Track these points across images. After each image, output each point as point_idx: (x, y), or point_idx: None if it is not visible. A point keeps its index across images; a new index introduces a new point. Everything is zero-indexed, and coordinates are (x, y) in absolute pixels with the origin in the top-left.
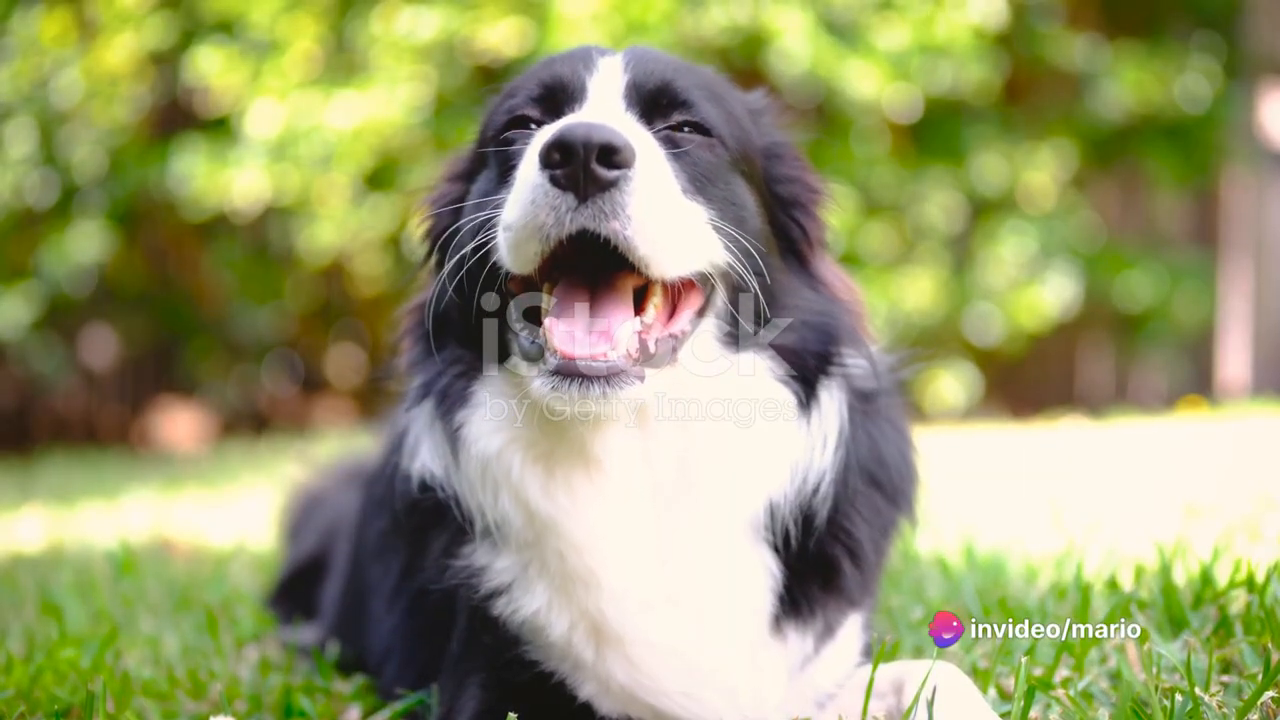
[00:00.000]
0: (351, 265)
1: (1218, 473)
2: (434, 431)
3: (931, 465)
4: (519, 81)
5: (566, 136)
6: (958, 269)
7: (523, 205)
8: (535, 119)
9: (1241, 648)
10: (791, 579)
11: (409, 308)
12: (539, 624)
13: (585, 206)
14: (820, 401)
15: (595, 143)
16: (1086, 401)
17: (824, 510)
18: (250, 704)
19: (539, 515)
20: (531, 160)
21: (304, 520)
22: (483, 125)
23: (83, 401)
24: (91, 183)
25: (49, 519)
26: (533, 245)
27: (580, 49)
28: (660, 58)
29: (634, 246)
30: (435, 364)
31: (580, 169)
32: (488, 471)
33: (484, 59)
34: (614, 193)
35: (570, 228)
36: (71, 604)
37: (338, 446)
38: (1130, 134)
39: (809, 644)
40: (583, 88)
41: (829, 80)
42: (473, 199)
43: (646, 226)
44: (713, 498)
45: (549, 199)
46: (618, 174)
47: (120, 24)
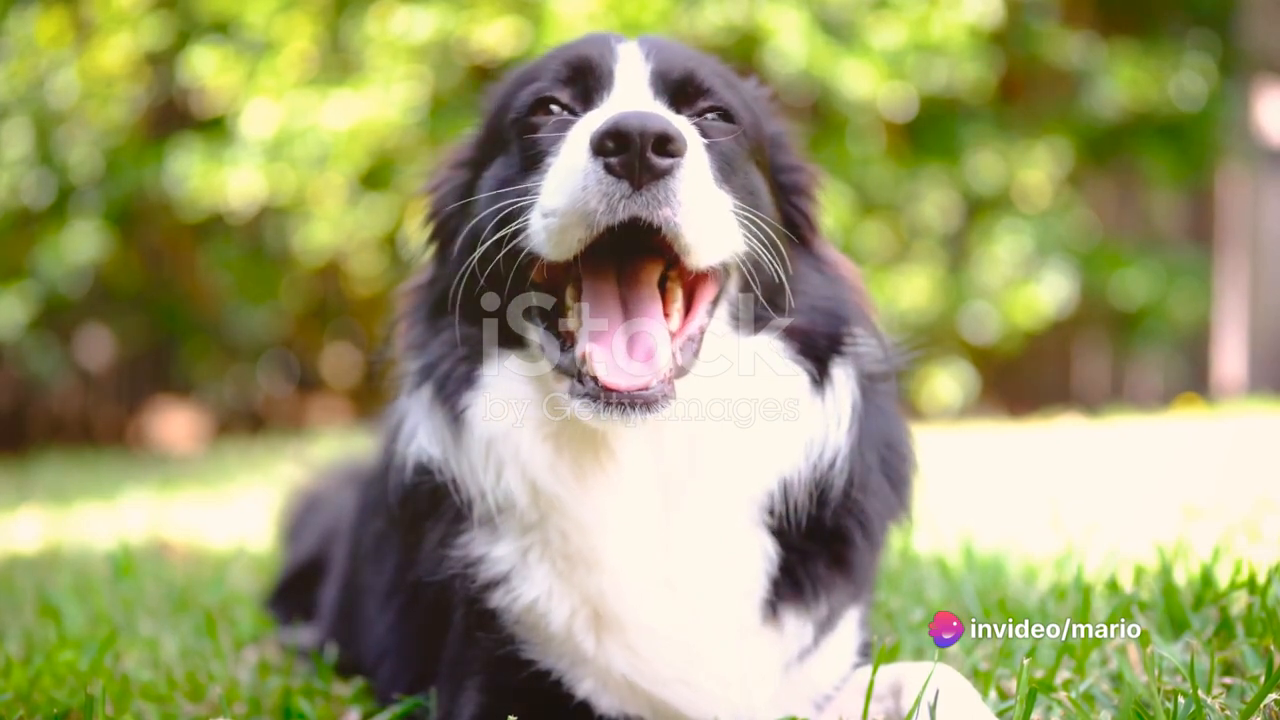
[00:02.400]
0: (347, 265)
1: (1215, 472)
2: (434, 414)
3: (929, 463)
4: (537, 65)
5: (623, 124)
6: (953, 268)
7: (571, 191)
8: (563, 103)
9: (1243, 649)
10: (796, 560)
11: (406, 289)
12: (538, 613)
13: (639, 194)
14: (834, 379)
15: (651, 131)
16: (1082, 400)
17: (840, 482)
18: (249, 707)
19: (545, 493)
20: (580, 146)
21: (302, 522)
22: (494, 110)
23: (79, 402)
24: (87, 183)
25: (46, 520)
26: (578, 232)
27: (597, 35)
28: (676, 46)
29: (681, 234)
30: (437, 346)
31: (636, 157)
32: (492, 450)
33: (480, 59)
34: (667, 180)
35: (622, 215)
36: (70, 606)
37: (334, 446)
38: (1126, 132)
39: (809, 633)
40: (610, 73)
41: (824, 79)
42: (488, 185)
43: (693, 214)
44: (723, 477)
45: (601, 186)
46: (671, 162)
47: (116, 24)
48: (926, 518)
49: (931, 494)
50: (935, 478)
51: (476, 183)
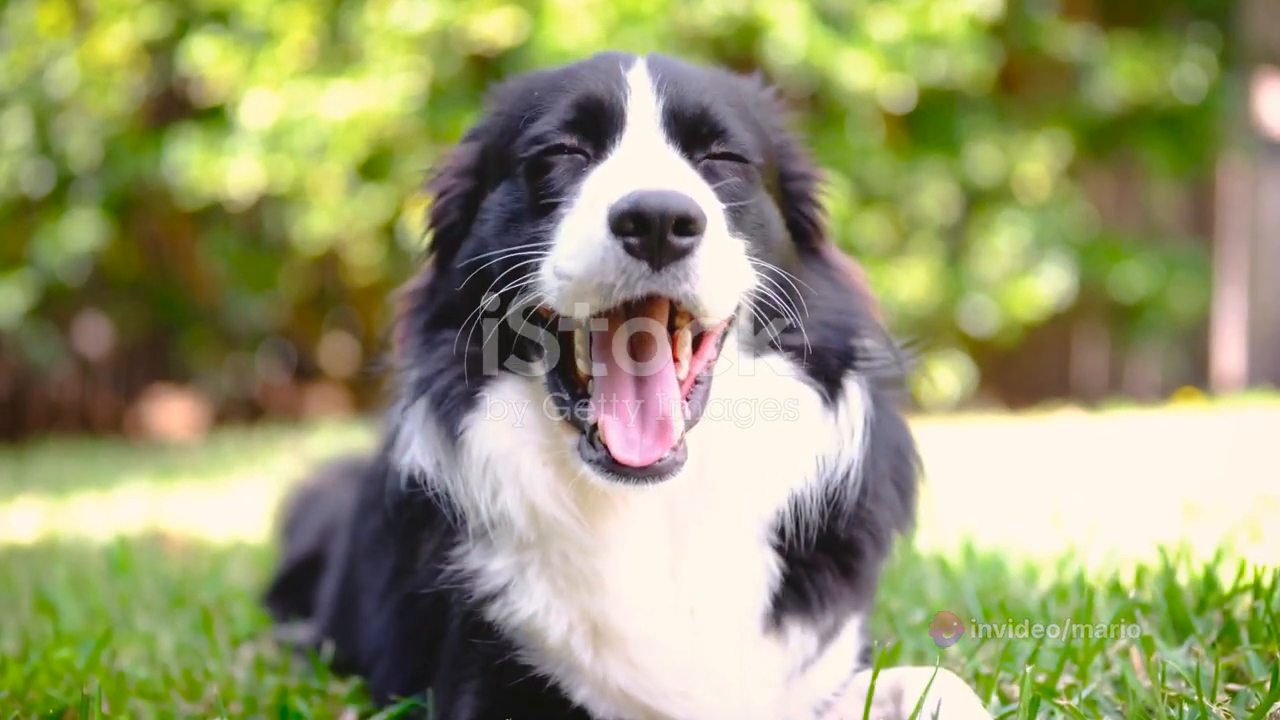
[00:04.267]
0: (345, 255)
1: (1216, 468)
2: (428, 429)
3: (930, 459)
4: (543, 96)
5: (643, 209)
6: (952, 259)
7: (588, 263)
8: (572, 147)
9: (1248, 655)
10: (803, 573)
11: (403, 293)
12: (536, 627)
13: (658, 274)
14: (846, 392)
15: (672, 214)
16: (1081, 393)
17: (853, 494)
18: (246, 706)
19: (544, 515)
20: (597, 217)
21: (301, 517)
22: (500, 130)
23: (77, 390)
24: (86, 172)
25: (43, 510)
26: (593, 299)
27: (603, 59)
28: (688, 74)
29: (699, 304)
30: (434, 361)
31: (656, 240)
32: (490, 471)
33: (478, 49)
34: (686, 259)
35: (639, 291)
36: (66, 601)
37: (332, 437)
38: (1126, 124)
39: (812, 644)
40: (621, 113)
41: (823, 70)
42: (495, 213)
43: (711, 285)
44: (729, 497)
45: (620, 264)
46: (690, 241)
47: (116, 13)
48: (927, 516)
49: (933, 490)
50: (934, 473)
51: (481, 200)
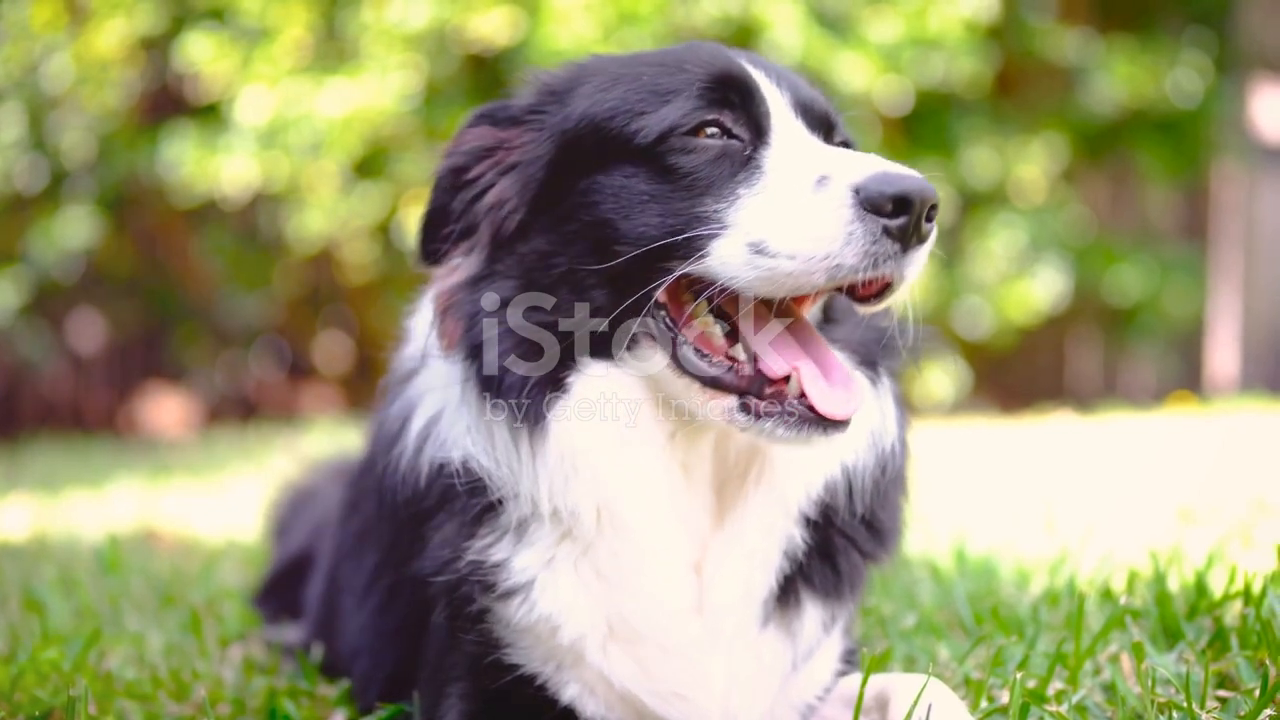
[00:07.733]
0: (340, 253)
1: (1209, 472)
2: (481, 412)
3: (922, 460)
4: (661, 73)
5: (908, 192)
6: (947, 262)
7: (825, 243)
8: (725, 127)
9: (1238, 662)
10: (837, 543)
11: (444, 289)
12: (552, 625)
13: (903, 256)
14: (883, 377)
15: (929, 199)
16: (1075, 396)
17: (892, 474)
18: (234, 707)
19: (611, 512)
20: (836, 200)
21: (292, 517)
22: (602, 113)
23: (70, 387)
24: (81, 168)
25: (35, 507)
26: (815, 279)
27: (698, 47)
28: (780, 66)
29: (904, 285)
30: (503, 350)
31: (914, 223)
32: (566, 461)
33: (475, 48)
34: (925, 244)
35: (876, 273)
36: (55, 600)
37: (325, 436)
38: (1121, 128)
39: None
40: (764, 99)
41: (820, 72)
42: (615, 194)
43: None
44: (782, 472)
45: (869, 245)
46: (932, 226)
47: (111, 9)
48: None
49: (924, 492)
50: (927, 475)
51: (560, 186)
